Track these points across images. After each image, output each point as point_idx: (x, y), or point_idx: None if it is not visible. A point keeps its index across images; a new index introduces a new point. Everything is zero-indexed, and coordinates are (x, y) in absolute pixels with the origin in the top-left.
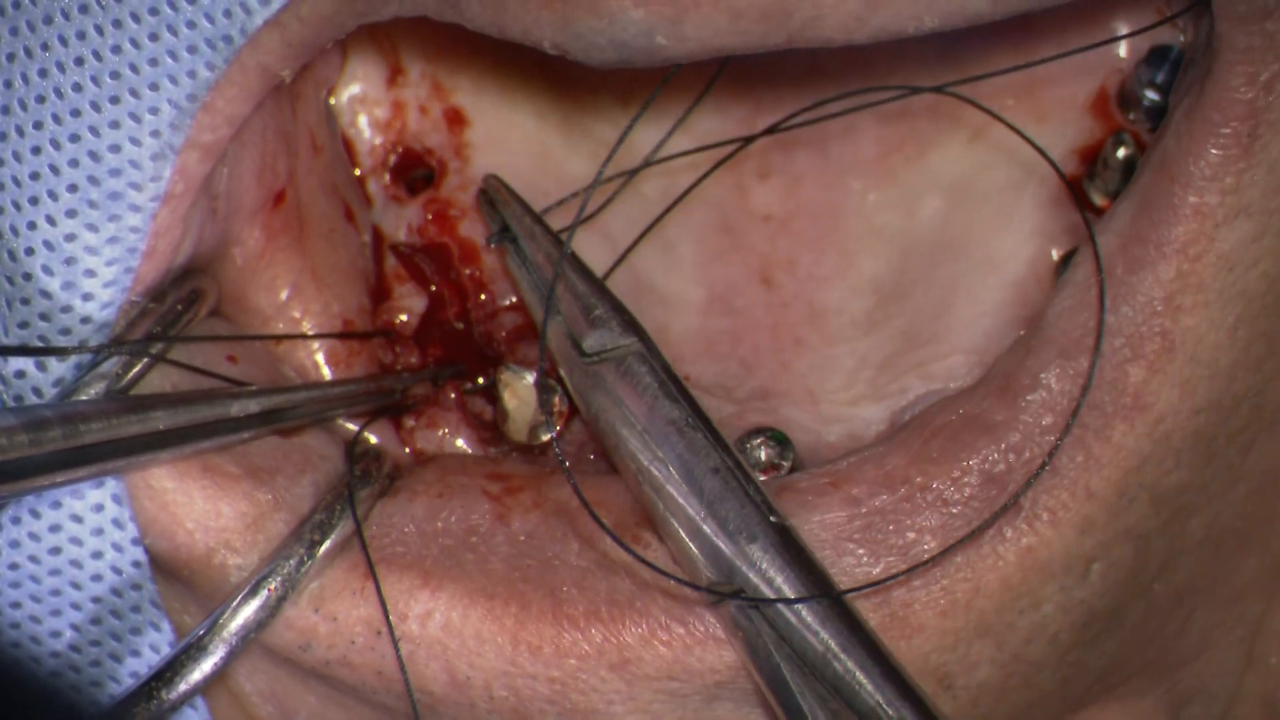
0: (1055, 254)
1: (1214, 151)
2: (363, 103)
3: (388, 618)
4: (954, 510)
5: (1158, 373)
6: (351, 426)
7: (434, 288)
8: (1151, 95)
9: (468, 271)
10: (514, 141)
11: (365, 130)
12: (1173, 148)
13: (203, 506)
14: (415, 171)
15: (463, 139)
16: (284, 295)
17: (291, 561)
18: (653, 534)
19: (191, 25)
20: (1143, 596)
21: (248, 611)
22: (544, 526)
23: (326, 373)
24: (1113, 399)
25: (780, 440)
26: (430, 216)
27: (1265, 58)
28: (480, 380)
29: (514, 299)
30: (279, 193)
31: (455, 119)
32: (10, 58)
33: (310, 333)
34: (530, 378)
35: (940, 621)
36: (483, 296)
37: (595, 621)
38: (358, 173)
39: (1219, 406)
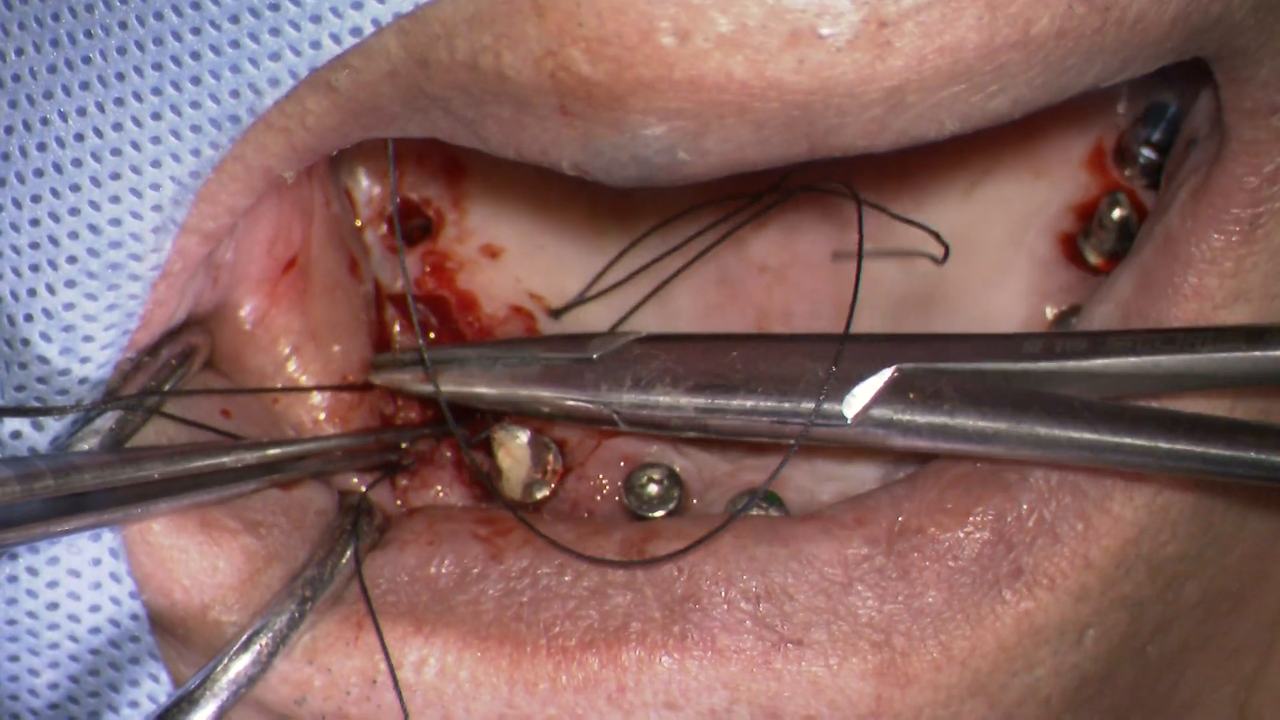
0: (1050, 312)
1: (1216, 236)
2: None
3: (390, 663)
4: (960, 565)
5: None
6: (354, 481)
7: (434, 335)
8: (1147, 153)
9: (468, 320)
10: (513, 192)
11: (362, 180)
12: (1176, 227)
13: (199, 563)
14: (413, 221)
15: (461, 189)
16: (284, 352)
17: (283, 617)
18: (662, 547)
19: (196, 105)
20: (1136, 660)
21: (240, 665)
22: (538, 560)
23: (328, 430)
24: (1112, 470)
25: (773, 501)
26: (428, 269)
27: (1270, 150)
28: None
29: None
30: (290, 260)
31: (453, 168)
32: (9, 131)
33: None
34: (524, 436)
35: (934, 675)
36: None
37: (590, 650)
38: (357, 223)
39: None
